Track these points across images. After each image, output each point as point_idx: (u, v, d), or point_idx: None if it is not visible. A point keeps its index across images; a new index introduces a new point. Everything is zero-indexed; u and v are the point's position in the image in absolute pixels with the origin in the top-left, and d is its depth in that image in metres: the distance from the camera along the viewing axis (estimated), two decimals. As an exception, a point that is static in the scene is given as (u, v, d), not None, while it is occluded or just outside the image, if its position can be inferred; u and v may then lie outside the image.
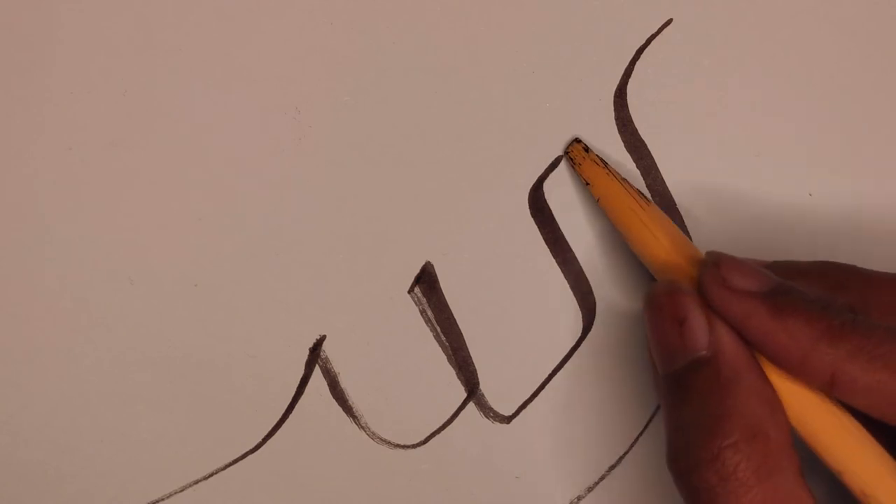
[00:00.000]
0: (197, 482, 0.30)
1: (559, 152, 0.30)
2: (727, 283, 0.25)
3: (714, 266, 0.25)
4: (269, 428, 0.30)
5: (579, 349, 0.31)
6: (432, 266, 0.31)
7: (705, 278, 0.25)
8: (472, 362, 0.31)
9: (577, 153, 0.30)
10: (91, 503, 0.30)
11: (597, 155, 0.29)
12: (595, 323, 0.31)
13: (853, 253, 0.31)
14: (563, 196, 0.31)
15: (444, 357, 0.31)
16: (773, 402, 0.24)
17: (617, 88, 0.31)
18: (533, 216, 0.31)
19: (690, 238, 0.31)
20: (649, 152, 0.31)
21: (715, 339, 0.25)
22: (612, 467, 0.31)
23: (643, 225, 0.28)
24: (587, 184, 0.29)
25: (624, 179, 0.29)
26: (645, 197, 0.29)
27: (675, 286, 0.26)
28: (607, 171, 0.29)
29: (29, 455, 0.30)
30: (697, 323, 0.25)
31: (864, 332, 0.23)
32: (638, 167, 0.31)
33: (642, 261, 0.28)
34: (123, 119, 0.29)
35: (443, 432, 0.31)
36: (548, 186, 0.31)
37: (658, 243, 0.27)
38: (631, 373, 0.31)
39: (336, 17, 0.30)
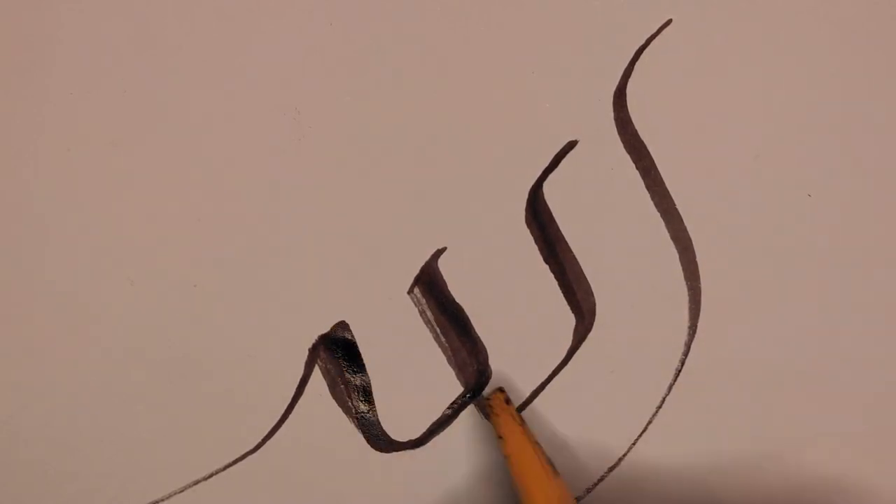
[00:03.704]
0: (197, 482, 0.30)
1: (559, 153, 0.30)
2: None
3: None
4: (269, 428, 0.30)
5: (579, 349, 0.31)
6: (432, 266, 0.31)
7: None
8: (472, 363, 0.31)
9: (497, 403, 0.29)
10: (91, 503, 0.30)
11: (516, 410, 0.29)
12: (595, 323, 0.31)
13: (852, 253, 0.31)
14: (563, 196, 0.31)
15: (443, 357, 0.31)
16: None
17: (617, 89, 0.31)
18: (532, 216, 0.31)
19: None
20: (649, 153, 0.31)
21: None
22: (612, 468, 0.31)
23: (546, 499, 0.28)
24: (500, 437, 0.29)
25: (537, 444, 0.29)
26: (554, 468, 0.29)
27: None
28: (524, 429, 0.29)
29: (29, 455, 0.30)
30: None
31: None
32: (637, 167, 0.31)
33: None
34: (123, 119, 0.29)
35: (443, 433, 0.31)
36: (547, 186, 0.31)
37: None
38: (631, 374, 0.31)
39: (336, 17, 0.30)
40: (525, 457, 0.29)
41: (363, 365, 0.30)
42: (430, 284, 0.31)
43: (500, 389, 0.30)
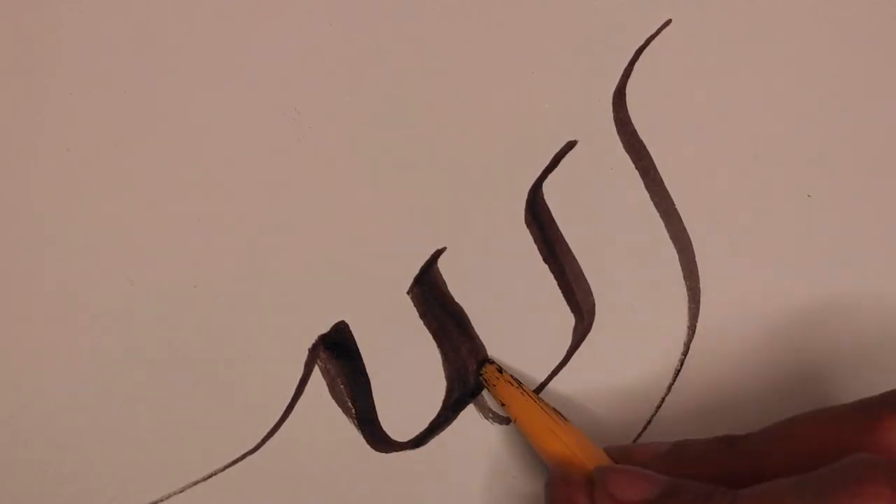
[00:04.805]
0: (196, 483, 0.30)
1: (558, 153, 0.30)
2: (615, 497, 0.25)
3: (601, 483, 0.26)
4: (269, 429, 0.30)
5: (579, 349, 0.31)
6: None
7: (596, 497, 0.26)
8: (472, 363, 0.31)
9: (490, 374, 0.30)
10: (91, 503, 0.30)
11: (511, 375, 0.30)
12: (595, 323, 0.31)
13: (852, 253, 0.31)
14: (563, 196, 0.31)
15: (443, 357, 0.31)
16: None
17: (616, 89, 0.31)
18: (532, 216, 0.31)
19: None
20: (648, 153, 0.31)
21: None
22: (611, 468, 0.31)
23: (562, 444, 0.28)
24: (503, 404, 0.30)
25: (540, 398, 0.29)
26: (560, 415, 0.29)
27: (568, 475, 0.27)
28: (521, 391, 0.29)
29: (29, 455, 0.30)
30: None
31: None
32: (637, 167, 0.31)
33: (564, 479, 0.28)
34: (123, 119, 0.29)
35: (442, 433, 0.31)
36: (547, 187, 0.31)
37: (577, 460, 0.28)
38: (630, 373, 0.31)
39: (336, 17, 0.30)
40: (530, 412, 0.29)
41: (363, 365, 0.30)
42: (429, 284, 0.31)
43: (490, 361, 0.30)
